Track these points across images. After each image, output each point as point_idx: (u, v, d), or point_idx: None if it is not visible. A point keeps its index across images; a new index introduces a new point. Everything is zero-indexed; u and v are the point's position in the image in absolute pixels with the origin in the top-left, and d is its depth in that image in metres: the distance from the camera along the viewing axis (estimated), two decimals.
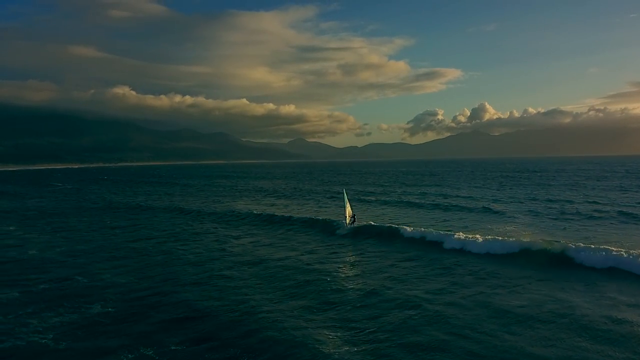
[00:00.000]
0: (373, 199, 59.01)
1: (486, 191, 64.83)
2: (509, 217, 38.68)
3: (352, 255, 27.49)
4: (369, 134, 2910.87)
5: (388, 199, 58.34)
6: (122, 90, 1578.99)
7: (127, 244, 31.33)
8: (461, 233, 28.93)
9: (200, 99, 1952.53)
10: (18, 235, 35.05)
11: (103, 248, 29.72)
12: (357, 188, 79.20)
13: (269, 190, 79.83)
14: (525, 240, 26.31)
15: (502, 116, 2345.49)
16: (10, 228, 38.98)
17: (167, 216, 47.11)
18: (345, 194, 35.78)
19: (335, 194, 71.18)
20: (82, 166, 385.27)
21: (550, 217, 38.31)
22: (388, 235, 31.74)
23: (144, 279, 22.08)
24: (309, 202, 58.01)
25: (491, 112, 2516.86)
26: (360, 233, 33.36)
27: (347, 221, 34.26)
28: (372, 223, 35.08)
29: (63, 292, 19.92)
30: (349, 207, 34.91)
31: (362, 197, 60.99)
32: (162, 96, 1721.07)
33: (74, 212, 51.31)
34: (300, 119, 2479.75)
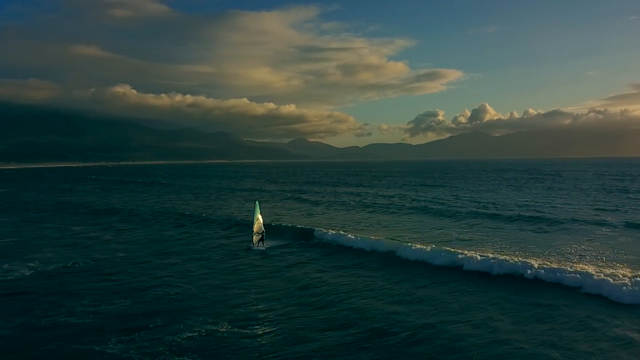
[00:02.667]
0: (402, 203, 52.70)
1: (527, 195, 60.47)
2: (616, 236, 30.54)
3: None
4: (369, 134, 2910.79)
5: (419, 205, 50.83)
6: (123, 89, 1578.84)
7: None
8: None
9: (201, 98, 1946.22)
10: None
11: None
12: (376, 192, 72.40)
13: (276, 194, 73.10)
14: None
15: (502, 117, 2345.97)
16: None
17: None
18: (257, 206, 28.68)
19: (341, 194, 68.08)
20: (83, 165, 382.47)
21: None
22: (445, 271, 23.46)
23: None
24: (317, 208, 51.77)
25: (492, 113, 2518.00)
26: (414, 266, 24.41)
27: (255, 239, 28.08)
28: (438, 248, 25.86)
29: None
30: (260, 220, 28.23)
31: (397, 204, 54.22)
32: (163, 95, 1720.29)
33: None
34: (300, 119, 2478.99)
